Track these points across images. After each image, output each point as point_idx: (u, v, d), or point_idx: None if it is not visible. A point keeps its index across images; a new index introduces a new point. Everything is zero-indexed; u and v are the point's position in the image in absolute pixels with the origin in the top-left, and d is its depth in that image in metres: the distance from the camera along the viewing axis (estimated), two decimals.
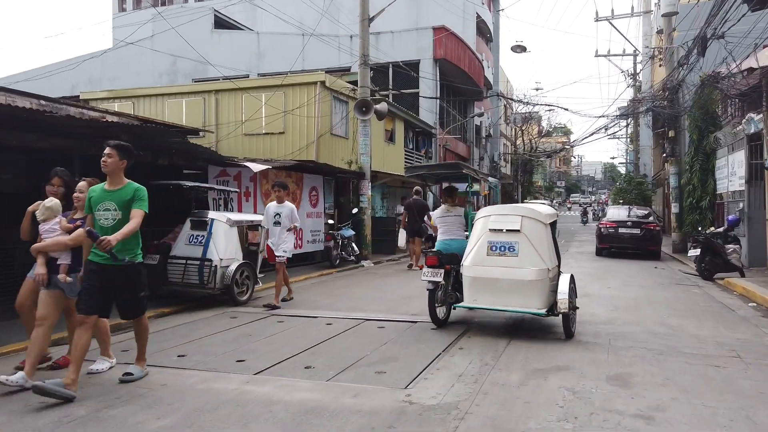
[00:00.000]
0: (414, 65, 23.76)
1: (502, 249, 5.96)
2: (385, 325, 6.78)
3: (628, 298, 8.90)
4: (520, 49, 25.89)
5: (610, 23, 31.33)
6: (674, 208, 18.12)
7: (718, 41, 12.36)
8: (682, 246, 17.20)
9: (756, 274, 11.47)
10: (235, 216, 8.36)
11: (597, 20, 31.81)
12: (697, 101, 16.05)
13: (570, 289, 5.94)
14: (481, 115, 23.33)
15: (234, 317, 7.30)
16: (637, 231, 15.96)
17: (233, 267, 7.77)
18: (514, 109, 49.50)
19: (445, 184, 7.81)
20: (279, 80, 14.82)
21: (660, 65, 21.02)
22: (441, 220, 7.08)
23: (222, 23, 27.16)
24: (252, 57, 25.61)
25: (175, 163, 9.41)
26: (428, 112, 23.95)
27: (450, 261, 6.40)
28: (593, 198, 75.73)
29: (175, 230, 8.40)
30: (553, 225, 6.33)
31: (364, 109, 13.78)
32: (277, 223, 8.10)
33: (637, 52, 35.51)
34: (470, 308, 6.45)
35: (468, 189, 7.85)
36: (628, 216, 16.77)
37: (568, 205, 73.96)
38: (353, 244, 13.27)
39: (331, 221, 13.32)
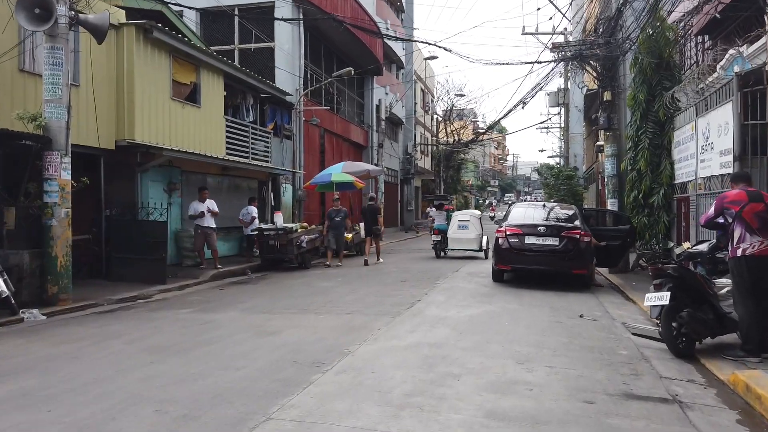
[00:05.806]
0: (268, 11, 17.22)
1: (463, 227, 15.20)
2: None
3: None
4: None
5: None
6: (612, 207, 12.42)
7: None
8: (623, 264, 11.44)
9: None
10: None
11: None
12: (644, 41, 10.34)
13: (487, 241, 15.14)
14: (349, 74, 16.91)
15: None
16: (554, 242, 9.78)
17: None
18: (435, 96, 44.02)
19: (437, 202, 18.19)
20: None
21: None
22: (435, 215, 16.85)
23: None
24: None
25: None
26: (291, 75, 17.41)
27: (441, 232, 15.71)
28: (536, 197, 66.97)
29: None
30: (480, 217, 16.26)
31: (38, 11, 7.06)
32: None
33: (568, 31, 30.86)
34: (452, 250, 15.56)
35: (446, 202, 19.56)
36: (546, 218, 10.58)
37: (492, 213, 52.00)
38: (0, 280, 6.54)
39: None
